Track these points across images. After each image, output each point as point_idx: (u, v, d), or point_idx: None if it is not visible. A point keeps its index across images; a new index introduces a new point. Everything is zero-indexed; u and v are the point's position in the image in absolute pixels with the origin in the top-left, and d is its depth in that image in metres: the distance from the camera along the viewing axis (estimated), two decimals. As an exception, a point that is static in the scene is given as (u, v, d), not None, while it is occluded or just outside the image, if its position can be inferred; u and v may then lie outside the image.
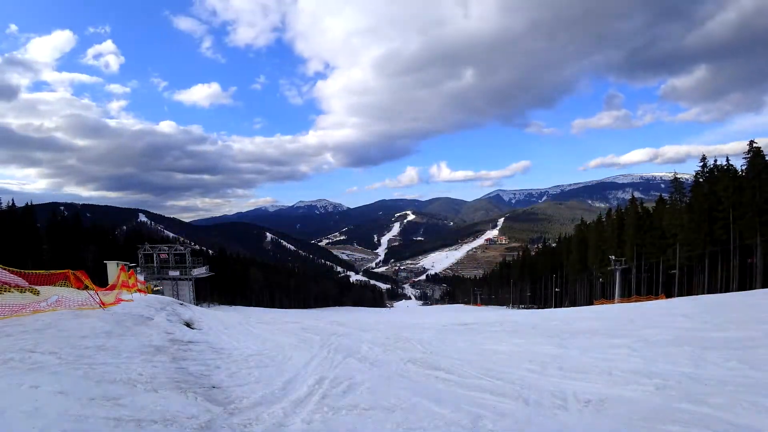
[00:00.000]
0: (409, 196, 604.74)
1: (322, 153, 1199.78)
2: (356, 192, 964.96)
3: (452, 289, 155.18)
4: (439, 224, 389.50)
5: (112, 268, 22.44)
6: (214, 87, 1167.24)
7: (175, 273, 37.06)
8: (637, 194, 53.35)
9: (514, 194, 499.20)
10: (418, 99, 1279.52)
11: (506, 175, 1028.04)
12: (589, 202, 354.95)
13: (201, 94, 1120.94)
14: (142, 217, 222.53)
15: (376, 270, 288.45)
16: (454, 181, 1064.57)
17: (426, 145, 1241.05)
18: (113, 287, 12.03)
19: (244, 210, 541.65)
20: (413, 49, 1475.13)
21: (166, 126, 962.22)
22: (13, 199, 47.21)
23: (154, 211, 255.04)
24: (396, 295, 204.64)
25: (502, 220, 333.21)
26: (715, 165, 37.46)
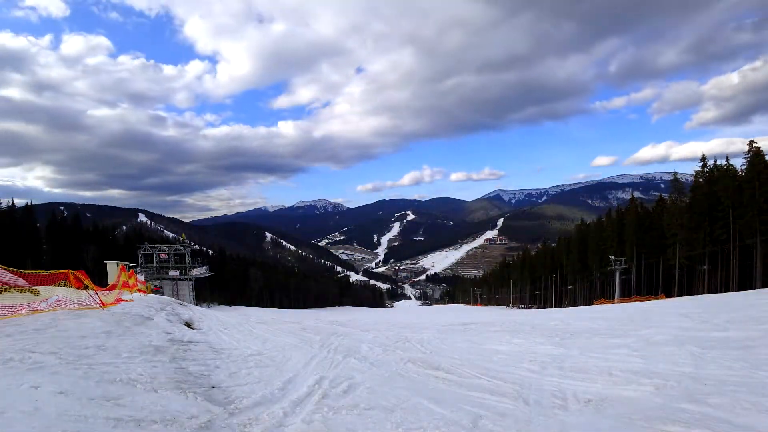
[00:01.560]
0: (409, 196, 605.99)
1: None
2: (356, 192, 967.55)
3: (452, 289, 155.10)
4: (439, 224, 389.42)
5: (112, 268, 22.45)
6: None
7: (175, 273, 37.09)
8: (637, 194, 53.38)
9: (514, 194, 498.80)
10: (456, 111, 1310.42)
11: (507, 175, 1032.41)
12: (589, 202, 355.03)
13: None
14: (142, 217, 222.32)
15: (376, 270, 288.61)
16: (455, 180, 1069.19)
17: (428, 146, 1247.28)
18: (113, 287, 12.04)
19: (244, 210, 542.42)
20: (507, 82, 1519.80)
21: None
22: (13, 199, 47.28)
23: (155, 211, 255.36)
24: (396, 295, 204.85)
25: (502, 220, 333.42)
26: (715, 165, 37.48)
